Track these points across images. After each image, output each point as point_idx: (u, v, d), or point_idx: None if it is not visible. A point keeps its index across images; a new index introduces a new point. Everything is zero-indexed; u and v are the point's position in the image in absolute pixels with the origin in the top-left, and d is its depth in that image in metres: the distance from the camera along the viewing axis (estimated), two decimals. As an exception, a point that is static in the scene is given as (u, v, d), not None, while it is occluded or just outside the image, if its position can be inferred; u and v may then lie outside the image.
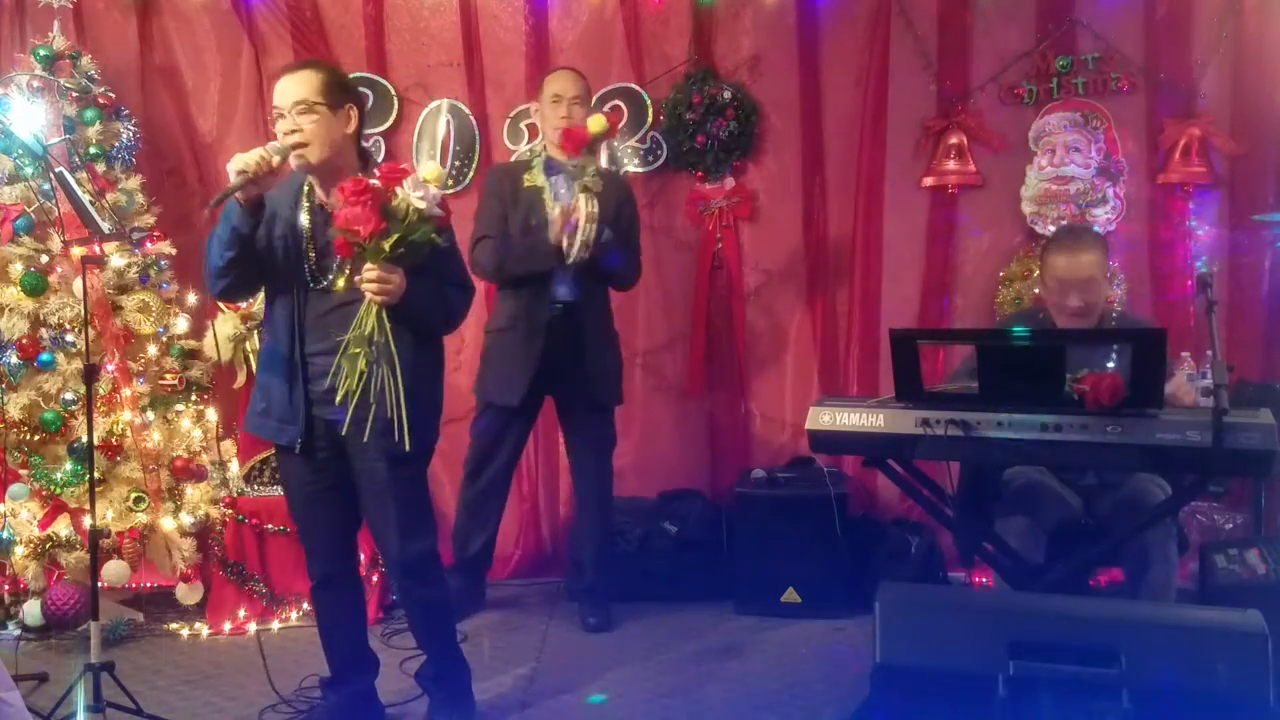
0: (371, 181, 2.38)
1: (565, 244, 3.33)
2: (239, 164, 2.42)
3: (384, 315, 2.46)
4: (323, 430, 2.62)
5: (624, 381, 3.73)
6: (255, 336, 3.70)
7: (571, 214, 3.31)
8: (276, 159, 2.46)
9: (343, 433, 2.53)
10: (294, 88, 2.51)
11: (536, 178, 3.48)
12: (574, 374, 3.52)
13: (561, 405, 3.70)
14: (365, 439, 2.49)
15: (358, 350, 2.45)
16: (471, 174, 4.18)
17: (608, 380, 3.62)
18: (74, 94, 3.71)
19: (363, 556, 3.20)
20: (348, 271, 2.52)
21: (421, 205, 2.39)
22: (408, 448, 2.50)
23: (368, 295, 2.45)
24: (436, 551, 2.78)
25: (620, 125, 3.62)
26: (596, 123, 3.33)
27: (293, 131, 2.50)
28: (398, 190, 2.39)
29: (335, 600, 2.79)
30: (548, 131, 3.53)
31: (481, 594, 3.88)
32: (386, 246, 2.39)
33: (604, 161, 4.14)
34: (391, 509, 2.65)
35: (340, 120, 2.56)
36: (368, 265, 2.43)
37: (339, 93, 2.56)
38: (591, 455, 3.69)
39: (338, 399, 2.48)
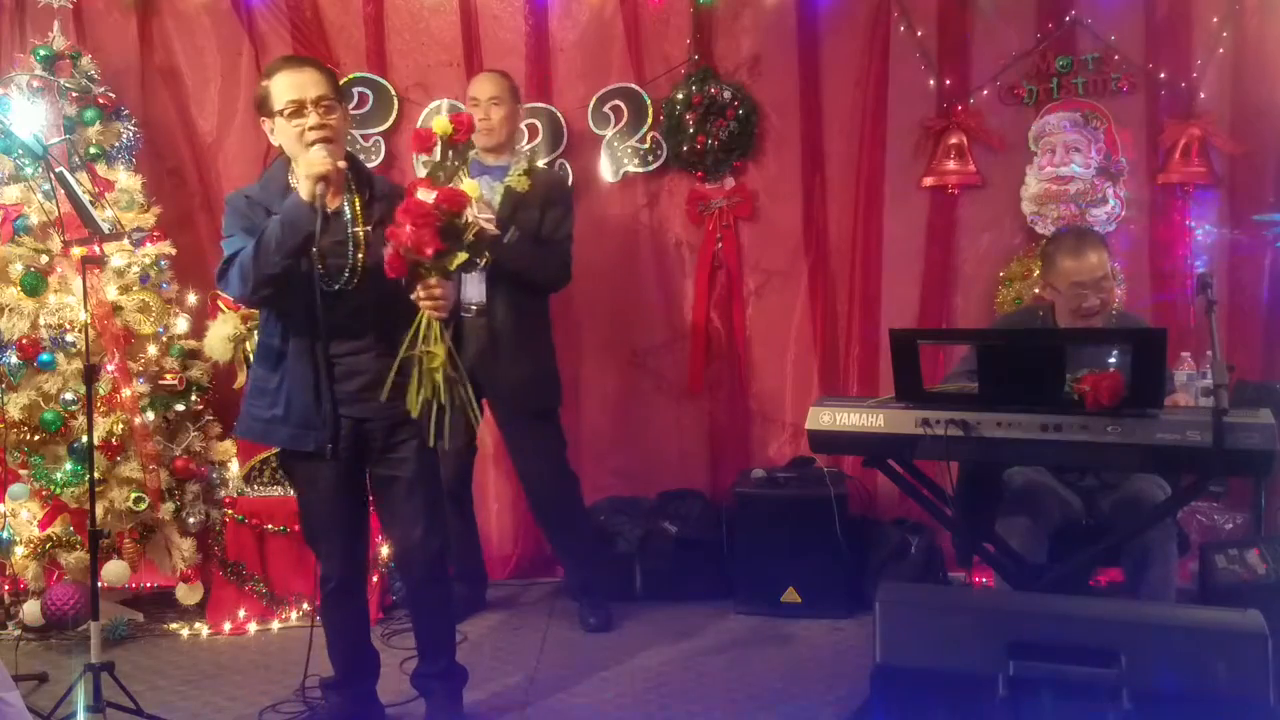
0: (423, 199, 2.38)
1: None
2: (319, 169, 2.41)
3: (440, 327, 2.49)
4: (346, 430, 2.62)
5: (554, 389, 3.65)
6: (255, 336, 3.69)
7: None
8: (341, 163, 2.49)
9: (432, 443, 2.49)
10: (314, 83, 2.51)
11: (462, 180, 3.47)
12: (494, 380, 3.46)
13: (492, 411, 3.62)
14: (446, 444, 2.49)
15: (436, 366, 2.46)
16: (471, 174, 4.18)
17: (533, 386, 3.53)
18: (74, 94, 3.71)
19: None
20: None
21: (491, 228, 2.48)
22: (446, 445, 2.52)
23: (426, 311, 2.45)
24: (447, 549, 2.82)
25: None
26: (439, 124, 3.32)
27: (322, 127, 2.49)
28: (466, 214, 2.42)
29: (347, 604, 2.79)
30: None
31: (482, 596, 3.88)
32: (451, 266, 2.44)
33: (604, 162, 4.16)
34: (420, 499, 2.68)
35: (344, 118, 2.61)
36: (430, 282, 2.43)
37: (340, 92, 2.61)
38: (526, 462, 3.62)
39: (415, 412, 2.47)
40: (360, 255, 2.55)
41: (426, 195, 2.41)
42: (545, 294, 3.58)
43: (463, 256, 2.43)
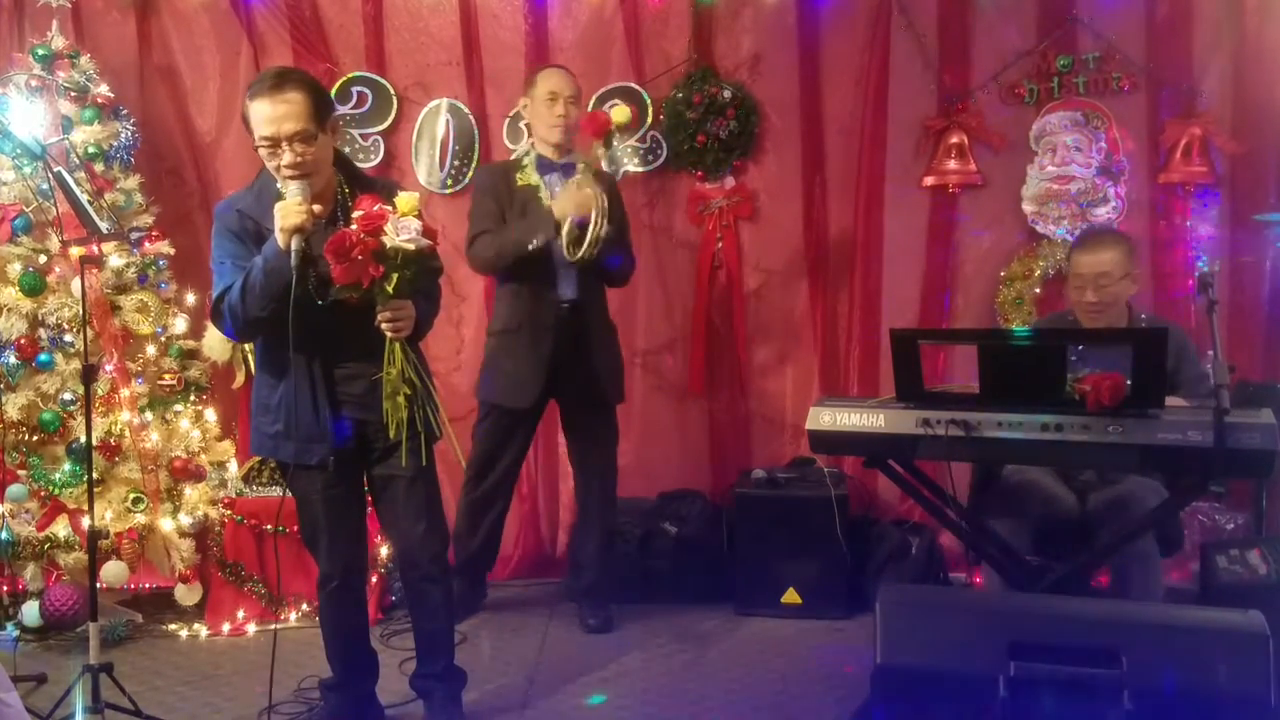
0: (350, 229, 2.38)
1: (569, 239, 3.32)
2: (293, 220, 2.38)
3: (406, 348, 2.54)
4: (349, 431, 2.62)
5: (624, 381, 3.72)
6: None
7: (584, 209, 3.30)
8: (318, 207, 2.46)
9: (404, 463, 2.60)
10: (289, 117, 2.40)
11: (530, 176, 3.46)
12: (580, 372, 3.51)
13: (567, 404, 3.66)
14: (424, 461, 2.62)
15: (397, 390, 2.53)
16: (470, 173, 4.16)
17: (612, 377, 3.62)
18: (72, 93, 3.70)
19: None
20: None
21: (410, 247, 2.42)
22: (424, 462, 2.64)
23: (388, 335, 2.50)
24: (447, 548, 2.85)
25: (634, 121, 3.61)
26: (620, 113, 3.39)
27: (296, 165, 2.43)
28: (383, 239, 2.40)
29: (346, 604, 2.79)
30: (541, 129, 3.48)
31: (482, 595, 3.88)
32: (390, 289, 2.45)
33: (604, 163, 4.14)
34: (422, 498, 2.70)
35: (329, 137, 2.53)
36: (379, 309, 2.47)
37: (326, 109, 2.51)
38: (597, 452, 3.66)
39: (390, 433, 2.57)
40: None
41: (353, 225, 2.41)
42: (618, 287, 3.68)
43: (395, 278, 2.44)
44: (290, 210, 2.39)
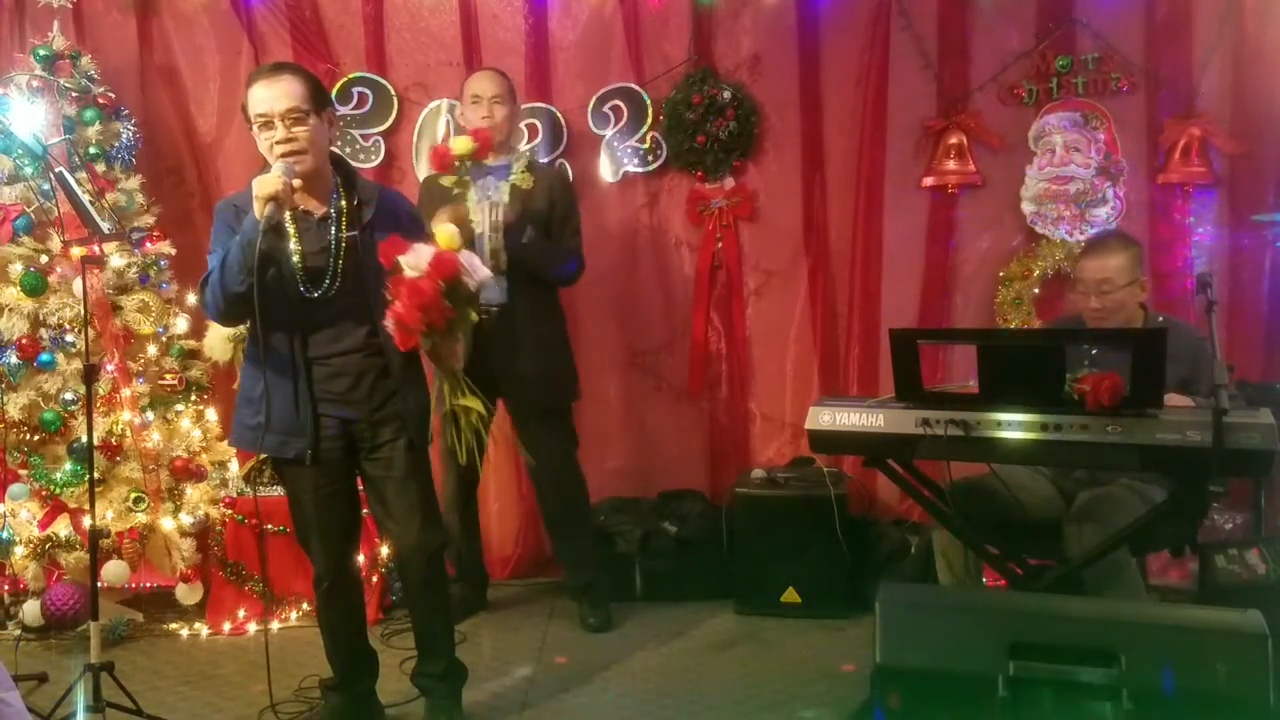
0: (416, 279, 2.42)
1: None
2: (268, 189, 2.39)
3: (464, 377, 2.61)
4: (333, 429, 2.63)
5: (572, 386, 3.66)
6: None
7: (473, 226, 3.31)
8: (297, 181, 2.47)
9: (462, 460, 2.66)
10: (283, 95, 2.46)
11: (463, 181, 3.46)
12: (514, 378, 3.45)
13: (509, 410, 3.61)
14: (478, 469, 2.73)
15: (475, 419, 2.62)
16: (471, 174, 4.16)
17: (552, 383, 3.54)
18: (73, 94, 3.71)
19: (360, 558, 3.20)
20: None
21: (486, 277, 2.55)
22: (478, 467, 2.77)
23: (450, 367, 2.57)
24: (445, 546, 2.85)
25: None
26: (461, 144, 3.38)
27: (288, 140, 2.47)
28: (462, 279, 2.46)
29: (342, 602, 2.80)
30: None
31: (482, 596, 3.89)
32: (469, 327, 2.55)
33: (604, 162, 4.15)
34: (413, 497, 2.70)
35: (325, 125, 2.56)
36: (449, 344, 2.53)
37: (321, 97, 2.56)
38: (539, 458, 3.58)
39: (461, 458, 2.64)
40: (341, 261, 2.53)
41: (414, 269, 2.42)
42: (562, 287, 3.61)
43: (473, 315, 2.52)
44: (267, 180, 2.41)
